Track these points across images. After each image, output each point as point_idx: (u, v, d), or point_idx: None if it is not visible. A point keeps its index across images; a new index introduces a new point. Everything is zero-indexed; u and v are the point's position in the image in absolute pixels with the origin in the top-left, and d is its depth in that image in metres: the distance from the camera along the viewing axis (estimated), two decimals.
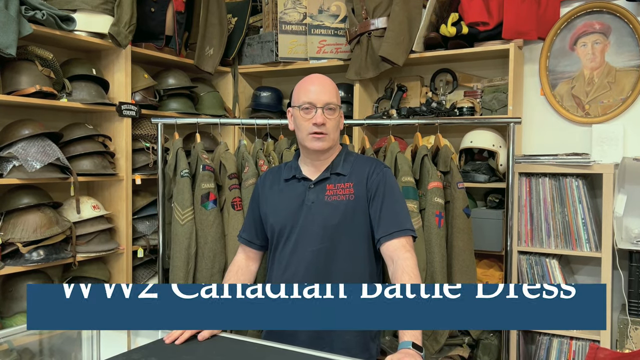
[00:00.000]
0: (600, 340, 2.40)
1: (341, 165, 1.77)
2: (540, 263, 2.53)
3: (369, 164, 1.78)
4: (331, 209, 1.71)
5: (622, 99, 2.66)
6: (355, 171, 1.76)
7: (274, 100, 3.28)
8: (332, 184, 1.74)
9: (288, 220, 1.75)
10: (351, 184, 1.74)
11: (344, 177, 1.75)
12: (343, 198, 1.72)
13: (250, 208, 1.92)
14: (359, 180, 1.74)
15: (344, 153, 1.82)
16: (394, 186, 1.77)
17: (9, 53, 2.07)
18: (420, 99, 2.96)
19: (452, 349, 2.61)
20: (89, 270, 2.51)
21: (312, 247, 1.71)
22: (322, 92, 1.71)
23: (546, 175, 2.52)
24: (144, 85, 2.74)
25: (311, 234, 1.72)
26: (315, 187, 1.75)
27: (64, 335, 1.79)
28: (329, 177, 1.76)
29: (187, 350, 1.45)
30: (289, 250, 1.75)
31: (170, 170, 2.48)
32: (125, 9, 2.48)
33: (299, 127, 1.75)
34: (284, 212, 1.77)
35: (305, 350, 1.46)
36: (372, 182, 1.74)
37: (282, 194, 1.80)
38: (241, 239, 1.92)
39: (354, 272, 1.72)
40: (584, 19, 2.73)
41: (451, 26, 2.67)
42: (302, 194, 1.76)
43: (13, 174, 2.22)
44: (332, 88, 1.74)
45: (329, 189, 1.74)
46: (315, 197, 1.74)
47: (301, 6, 3.09)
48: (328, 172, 1.76)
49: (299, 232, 1.73)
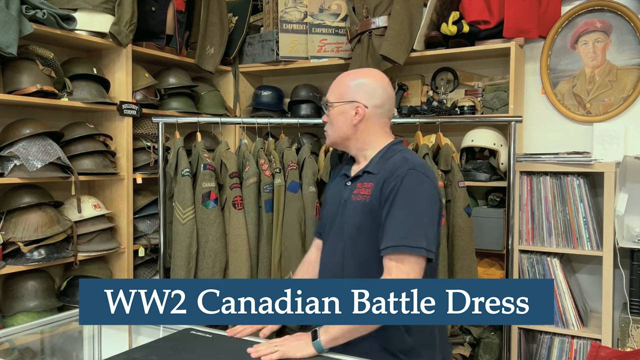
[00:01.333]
0: (601, 339, 2.40)
1: (375, 162, 1.68)
2: (541, 262, 2.53)
3: (395, 164, 1.62)
4: (352, 210, 1.66)
5: (623, 98, 2.65)
6: (382, 171, 1.64)
7: (274, 99, 3.28)
8: (360, 183, 1.68)
9: (328, 216, 1.76)
10: (372, 184, 1.63)
11: (373, 176, 1.65)
12: (361, 199, 1.64)
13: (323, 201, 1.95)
14: (379, 182, 1.62)
15: (385, 149, 1.69)
16: (410, 191, 1.55)
17: (10, 52, 2.07)
18: (421, 98, 2.95)
19: (453, 348, 2.61)
20: (90, 270, 2.51)
21: (336, 246, 1.69)
22: (329, 90, 1.74)
23: (547, 174, 2.52)
24: (144, 84, 2.74)
25: (337, 233, 1.70)
26: (349, 186, 1.71)
27: (65, 334, 1.80)
28: (362, 175, 1.69)
29: (188, 349, 1.45)
30: (325, 247, 1.77)
31: (171, 170, 2.48)
32: (126, 8, 2.48)
33: None
34: (328, 207, 1.79)
35: None
36: (387, 185, 1.58)
37: (332, 189, 1.82)
38: (316, 233, 1.94)
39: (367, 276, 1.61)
40: (585, 17, 2.72)
41: (452, 25, 2.67)
42: (341, 191, 1.74)
43: (14, 173, 2.22)
44: (335, 84, 1.73)
45: (357, 188, 1.68)
46: (348, 196, 1.69)
47: (302, 5, 3.09)
48: (362, 171, 1.70)
49: (333, 229, 1.72)
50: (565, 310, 2.49)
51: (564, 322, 2.49)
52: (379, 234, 1.56)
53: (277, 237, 2.42)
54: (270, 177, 2.43)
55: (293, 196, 2.38)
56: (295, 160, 2.46)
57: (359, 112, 1.68)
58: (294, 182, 2.39)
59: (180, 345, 1.48)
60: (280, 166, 2.45)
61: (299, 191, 2.40)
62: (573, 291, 2.50)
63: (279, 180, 2.41)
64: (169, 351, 1.43)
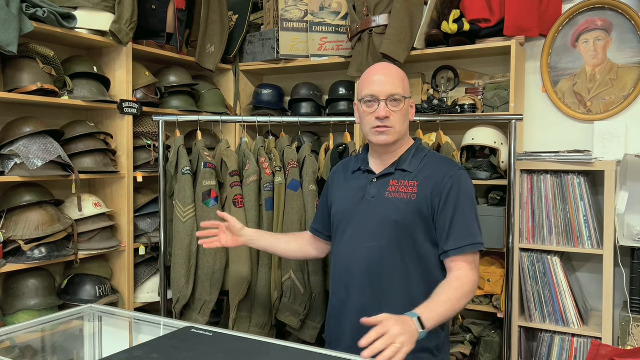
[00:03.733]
0: (602, 337, 2.40)
1: (409, 161, 1.69)
2: (541, 260, 2.53)
3: (442, 165, 1.67)
4: (390, 206, 1.64)
5: (624, 96, 2.65)
6: (424, 170, 1.66)
7: (275, 98, 3.28)
8: (395, 180, 1.67)
9: (347, 213, 1.72)
10: (416, 182, 1.64)
11: (409, 175, 1.66)
12: (404, 196, 1.63)
13: (321, 198, 1.93)
14: (426, 181, 1.64)
15: (414, 148, 1.72)
16: (469, 192, 1.65)
17: (11, 50, 2.07)
18: (421, 96, 2.95)
19: (454, 346, 2.61)
20: (90, 268, 2.51)
21: (367, 244, 1.66)
22: (385, 83, 1.63)
23: (548, 173, 2.52)
24: (145, 82, 2.74)
25: (367, 230, 1.67)
26: (377, 182, 1.69)
27: (66, 332, 1.80)
28: (394, 172, 1.68)
29: (188, 347, 1.45)
30: (345, 244, 1.72)
31: (172, 168, 2.48)
32: (127, 6, 2.48)
33: (363, 121, 1.69)
34: (345, 204, 1.74)
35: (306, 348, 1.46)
36: (443, 187, 1.62)
37: (347, 186, 1.77)
38: (311, 229, 1.93)
39: (406, 273, 1.64)
40: (586, 15, 2.72)
41: (453, 23, 2.66)
42: (364, 188, 1.71)
43: (15, 171, 2.22)
44: (397, 78, 1.66)
45: (392, 185, 1.67)
46: (377, 192, 1.68)
47: (302, 3, 3.09)
48: (393, 168, 1.69)
49: (356, 226, 1.69)
50: (565, 308, 2.49)
51: (564, 321, 2.49)
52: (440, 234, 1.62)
53: None
54: (271, 176, 2.43)
55: (293, 194, 2.38)
56: (296, 158, 2.46)
57: (413, 107, 1.75)
58: (295, 181, 2.39)
59: (180, 343, 1.48)
60: (280, 164, 2.45)
61: (300, 189, 2.40)
62: (573, 290, 2.50)
63: (280, 179, 2.41)
64: (169, 349, 1.43)
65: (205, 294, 2.41)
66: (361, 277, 1.67)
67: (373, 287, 1.66)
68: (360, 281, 1.67)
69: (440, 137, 2.45)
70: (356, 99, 1.75)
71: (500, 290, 2.66)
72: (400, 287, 1.64)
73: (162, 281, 2.54)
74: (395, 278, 1.64)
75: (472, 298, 1.61)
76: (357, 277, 1.68)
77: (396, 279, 1.64)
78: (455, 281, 1.57)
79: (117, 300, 2.57)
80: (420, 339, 1.40)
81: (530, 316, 2.55)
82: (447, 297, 1.53)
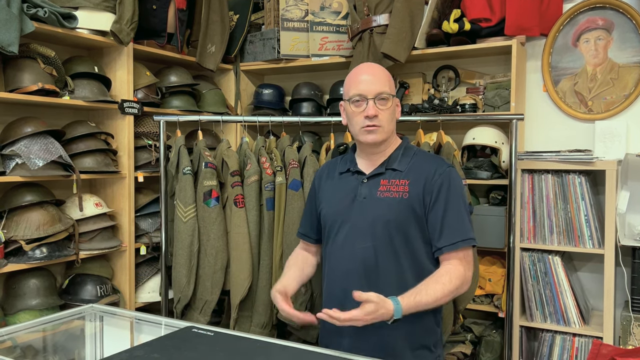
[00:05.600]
0: (603, 337, 2.40)
1: (398, 160, 1.70)
2: (542, 260, 2.53)
3: (431, 163, 1.69)
4: (382, 206, 1.65)
5: (625, 95, 2.65)
6: (414, 168, 1.68)
7: (276, 98, 3.28)
8: (386, 180, 1.68)
9: (339, 215, 1.72)
10: (407, 181, 1.66)
11: (400, 173, 1.68)
12: (396, 195, 1.65)
13: (308, 201, 1.92)
14: (417, 179, 1.66)
15: (403, 147, 1.74)
16: (459, 189, 1.67)
17: (11, 51, 2.07)
18: (422, 96, 2.95)
19: (455, 346, 2.61)
20: (91, 268, 2.51)
21: (362, 244, 1.67)
22: (372, 82, 1.64)
23: (549, 172, 2.52)
24: (146, 82, 2.74)
25: (361, 230, 1.67)
26: (368, 182, 1.70)
27: (67, 332, 1.80)
28: (384, 172, 1.69)
29: (189, 347, 1.45)
30: (339, 245, 1.72)
31: (173, 168, 2.48)
32: (127, 6, 2.48)
33: (351, 121, 1.69)
34: (336, 205, 1.74)
35: (307, 347, 1.46)
36: (433, 184, 1.64)
37: (336, 187, 1.77)
38: (299, 234, 1.92)
39: (401, 271, 1.66)
40: (587, 14, 2.72)
41: (453, 22, 2.66)
42: (354, 189, 1.71)
43: (16, 171, 2.22)
44: (383, 76, 1.67)
45: (383, 185, 1.67)
46: (368, 193, 1.68)
47: (303, 3, 3.09)
48: (383, 167, 1.70)
49: (349, 227, 1.69)
50: (566, 308, 2.48)
51: (565, 320, 2.49)
52: (433, 230, 1.64)
53: (278, 235, 2.41)
54: (272, 175, 2.43)
55: (294, 194, 2.38)
56: (297, 158, 2.46)
57: (399, 106, 1.75)
58: (295, 180, 2.39)
59: (182, 343, 1.48)
60: (281, 164, 2.45)
61: (301, 189, 2.40)
62: (574, 289, 2.50)
63: (280, 179, 2.41)
64: (170, 349, 1.44)
65: (207, 293, 2.42)
66: (358, 278, 1.67)
67: (370, 287, 1.66)
68: (357, 281, 1.67)
69: (441, 136, 2.45)
70: (343, 100, 1.75)
71: (501, 290, 2.66)
72: (395, 285, 1.64)
73: (164, 281, 2.54)
74: (390, 276, 1.65)
75: (463, 292, 1.64)
76: (353, 277, 1.68)
77: (392, 277, 1.65)
78: (444, 275, 1.58)
79: (118, 300, 2.57)
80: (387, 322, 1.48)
81: (531, 316, 2.55)
82: (433, 291, 1.55)
